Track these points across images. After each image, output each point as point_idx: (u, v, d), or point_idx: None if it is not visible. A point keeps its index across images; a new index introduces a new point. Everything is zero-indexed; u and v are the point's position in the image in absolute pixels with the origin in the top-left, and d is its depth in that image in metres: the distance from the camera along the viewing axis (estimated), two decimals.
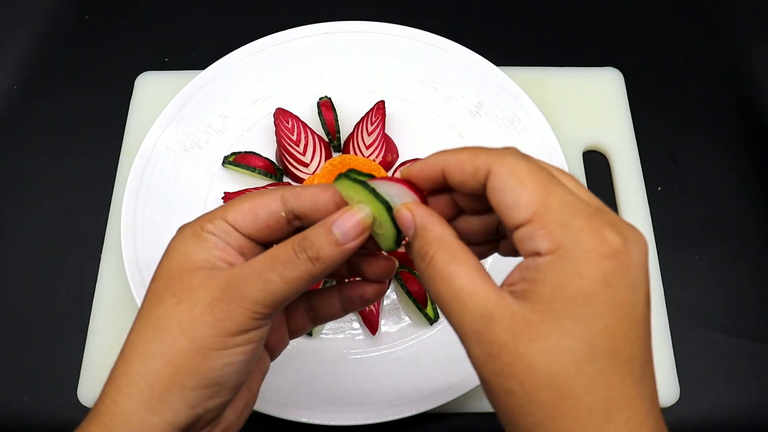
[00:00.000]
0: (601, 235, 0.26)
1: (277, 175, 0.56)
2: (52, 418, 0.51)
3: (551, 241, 0.26)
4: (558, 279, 0.26)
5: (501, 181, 0.28)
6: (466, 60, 0.59)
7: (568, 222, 0.26)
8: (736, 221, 0.59)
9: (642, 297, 0.27)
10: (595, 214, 0.27)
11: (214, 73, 0.58)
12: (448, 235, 0.30)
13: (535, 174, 0.27)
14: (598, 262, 0.26)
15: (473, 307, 0.27)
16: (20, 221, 0.58)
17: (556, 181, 0.27)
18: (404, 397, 0.46)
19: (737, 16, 0.70)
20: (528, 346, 0.26)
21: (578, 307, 0.26)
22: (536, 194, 0.27)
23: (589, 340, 0.26)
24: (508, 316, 0.27)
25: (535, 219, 0.27)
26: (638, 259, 0.27)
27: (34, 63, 0.67)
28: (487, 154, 0.29)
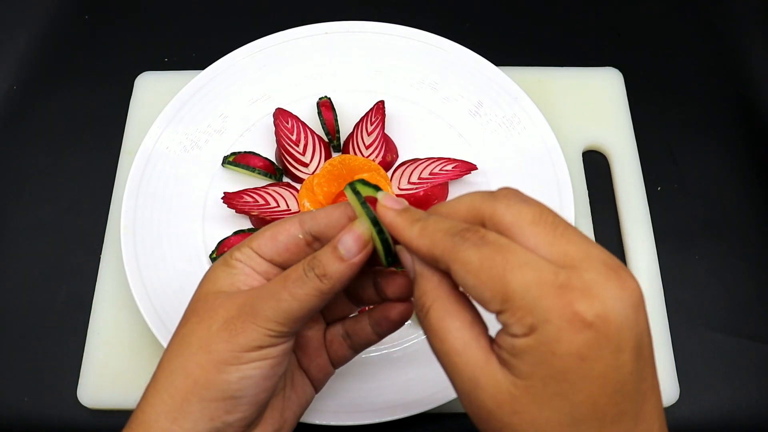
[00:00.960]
0: (572, 310, 0.25)
1: (277, 175, 0.56)
2: (52, 418, 0.51)
3: (524, 326, 0.26)
4: (535, 358, 0.26)
5: (461, 279, 0.28)
6: (466, 60, 0.59)
7: (535, 304, 0.26)
8: (736, 221, 0.59)
9: (627, 357, 0.26)
10: (565, 285, 0.26)
11: (214, 73, 0.58)
12: (444, 286, 0.30)
13: (488, 266, 0.27)
14: (570, 339, 0.25)
15: (462, 369, 0.28)
16: (20, 221, 0.58)
17: (513, 261, 0.26)
18: (404, 398, 0.46)
19: (737, 16, 0.70)
20: (512, 417, 0.27)
21: (556, 384, 0.26)
22: (495, 287, 0.27)
23: (570, 411, 0.26)
24: (493, 385, 0.27)
25: (503, 309, 0.27)
26: (621, 319, 0.26)
27: (34, 63, 0.67)
28: (443, 247, 0.28)
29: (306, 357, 0.38)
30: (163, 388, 0.32)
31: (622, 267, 0.27)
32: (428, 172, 0.54)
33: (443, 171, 0.54)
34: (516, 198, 0.28)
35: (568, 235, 0.27)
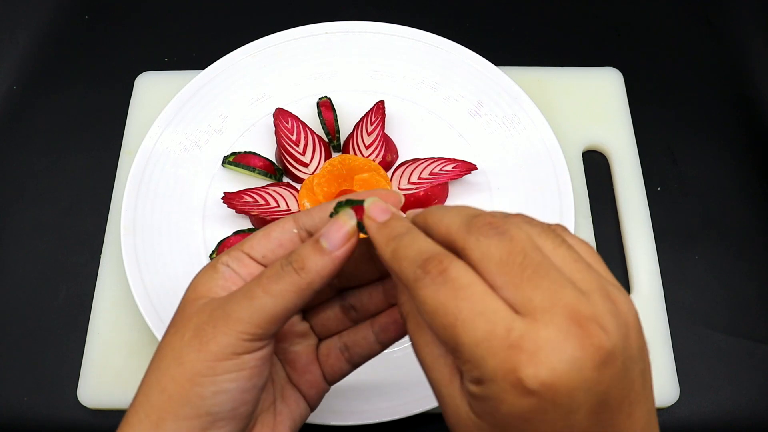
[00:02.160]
0: (516, 375, 0.24)
1: (277, 175, 0.56)
2: (52, 418, 0.51)
3: (472, 377, 0.25)
4: (484, 407, 0.26)
5: (412, 333, 0.29)
6: (466, 60, 0.59)
7: (482, 362, 0.25)
8: (736, 221, 0.59)
9: (582, 417, 0.25)
10: (514, 346, 0.24)
11: (214, 73, 0.58)
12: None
13: (441, 313, 0.25)
14: (513, 402, 0.24)
15: (432, 383, 0.29)
16: (20, 221, 0.58)
17: (468, 311, 0.25)
18: (404, 397, 0.46)
19: (737, 16, 0.70)
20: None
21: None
22: (446, 336, 0.26)
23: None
24: (452, 406, 0.27)
25: (455, 356, 0.26)
26: (571, 384, 0.24)
27: (34, 63, 0.67)
28: (406, 279, 0.27)
29: (295, 373, 0.35)
30: (140, 406, 0.30)
31: (592, 316, 0.25)
32: (428, 172, 0.54)
33: (443, 171, 0.54)
34: (490, 231, 0.26)
35: (536, 279, 0.25)
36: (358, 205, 0.31)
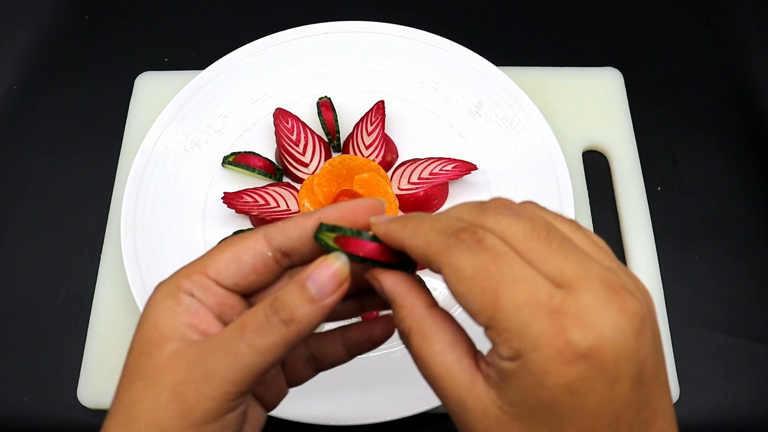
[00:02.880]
0: (564, 339, 0.23)
1: (277, 175, 0.56)
2: (52, 418, 0.51)
3: (510, 350, 0.24)
4: (522, 387, 0.24)
5: (450, 285, 0.26)
6: (466, 60, 0.59)
7: (525, 328, 0.24)
8: (736, 221, 0.59)
9: (625, 387, 0.24)
10: (559, 310, 0.23)
11: (214, 73, 0.58)
12: (418, 308, 0.28)
13: (481, 276, 0.24)
14: (560, 370, 0.23)
15: (449, 393, 0.26)
16: (20, 221, 0.58)
17: (509, 274, 0.24)
18: (404, 397, 0.46)
19: (737, 16, 0.70)
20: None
21: (545, 416, 0.24)
22: (485, 301, 0.24)
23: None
24: (480, 409, 0.25)
25: (491, 326, 0.25)
26: (617, 349, 0.23)
27: (34, 63, 0.67)
28: (436, 247, 0.26)
29: (261, 387, 0.33)
30: None
31: (623, 286, 0.24)
32: (428, 172, 0.54)
33: (443, 171, 0.54)
34: (506, 211, 0.26)
35: (564, 250, 0.25)
36: (342, 235, 0.28)
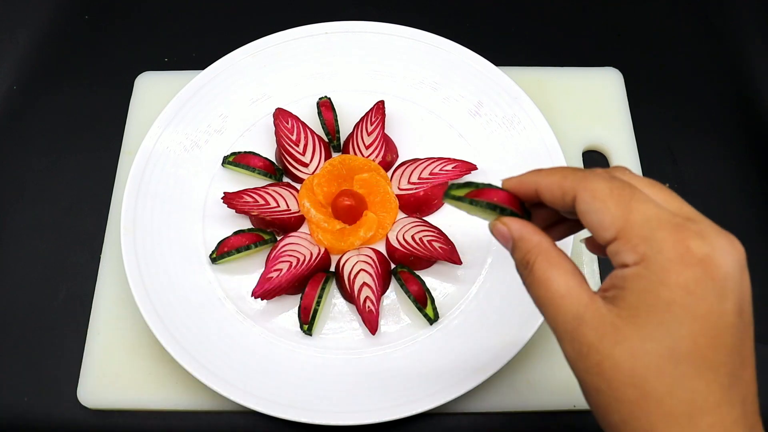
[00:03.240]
0: (685, 245, 0.28)
1: (277, 175, 0.56)
2: (52, 418, 0.51)
3: (636, 254, 0.28)
4: (642, 287, 0.28)
5: (586, 204, 0.30)
6: (466, 60, 0.59)
7: (651, 235, 0.28)
8: (737, 221, 0.59)
9: (731, 307, 0.28)
10: (681, 225, 0.28)
11: (214, 73, 0.58)
12: (545, 243, 0.32)
13: (616, 194, 0.30)
14: (680, 270, 0.27)
15: (566, 309, 0.30)
16: (20, 221, 0.58)
17: (639, 196, 0.29)
18: (404, 397, 0.46)
19: (737, 16, 0.70)
20: (613, 348, 0.28)
21: (660, 314, 0.28)
22: (618, 214, 0.29)
23: (671, 344, 0.27)
24: (597, 319, 0.29)
25: (620, 236, 0.29)
26: (727, 268, 0.28)
27: (34, 63, 0.67)
28: (573, 178, 0.31)
29: None
30: None
31: (732, 234, 0.30)
32: (428, 172, 0.54)
33: (443, 171, 0.54)
34: (630, 170, 0.32)
35: (679, 198, 0.31)
36: (475, 189, 0.36)
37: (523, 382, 0.51)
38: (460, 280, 0.52)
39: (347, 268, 0.51)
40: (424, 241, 0.52)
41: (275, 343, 0.50)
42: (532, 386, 0.50)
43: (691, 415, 0.28)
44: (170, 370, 0.50)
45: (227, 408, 0.50)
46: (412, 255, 0.51)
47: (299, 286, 0.51)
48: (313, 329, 0.50)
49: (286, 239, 0.52)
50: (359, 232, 0.52)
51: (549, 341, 0.51)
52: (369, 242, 0.53)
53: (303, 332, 0.50)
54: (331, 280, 0.52)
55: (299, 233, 0.53)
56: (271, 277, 0.50)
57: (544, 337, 0.51)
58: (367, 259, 0.51)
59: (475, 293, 0.51)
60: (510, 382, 0.50)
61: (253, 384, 0.47)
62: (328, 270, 0.53)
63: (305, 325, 0.50)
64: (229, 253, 0.51)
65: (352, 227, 0.53)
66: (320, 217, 0.53)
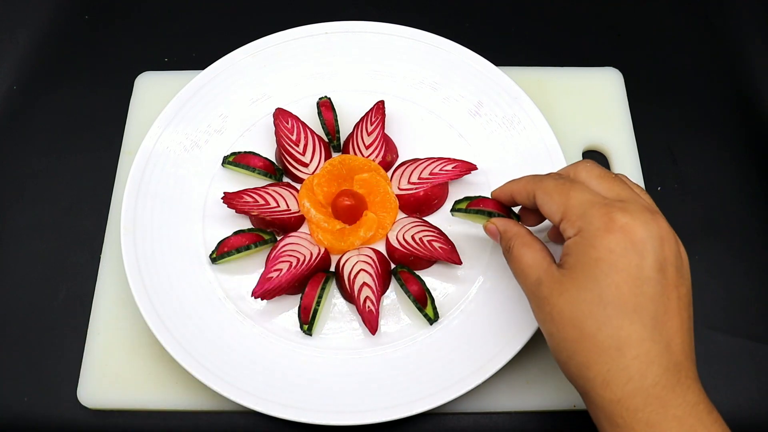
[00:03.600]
0: (609, 217, 0.36)
1: (277, 175, 0.56)
2: (52, 418, 0.51)
3: (574, 228, 0.38)
4: (579, 250, 0.37)
5: (540, 199, 0.41)
6: (466, 60, 0.59)
7: (585, 213, 0.37)
8: (736, 221, 0.59)
9: (648, 263, 0.35)
10: (609, 203, 0.37)
11: (214, 73, 0.58)
12: (521, 231, 0.43)
13: (559, 188, 0.39)
14: (604, 235, 0.36)
15: (531, 274, 0.40)
16: (20, 221, 0.59)
17: (577, 187, 0.39)
18: (404, 397, 0.46)
19: (737, 16, 0.70)
20: (558, 298, 0.37)
21: (591, 269, 0.36)
22: (561, 202, 0.39)
23: (599, 291, 0.35)
24: (550, 278, 0.38)
25: (564, 217, 0.38)
26: (644, 234, 0.35)
27: (34, 63, 0.67)
28: (532, 182, 0.42)
29: None
30: None
31: (660, 214, 0.38)
32: (428, 172, 0.54)
33: (443, 171, 0.54)
34: (592, 163, 0.41)
35: (623, 185, 0.39)
36: (472, 201, 0.49)
37: (523, 382, 0.51)
38: (460, 280, 0.52)
39: (347, 268, 0.51)
40: (424, 241, 0.52)
41: (275, 343, 0.50)
42: (531, 386, 0.50)
43: (618, 348, 0.35)
44: (170, 370, 0.50)
45: (227, 408, 0.50)
46: (412, 255, 0.51)
47: (299, 286, 0.51)
48: (313, 329, 0.50)
49: (286, 239, 0.52)
50: (359, 232, 0.52)
51: None
52: (369, 242, 0.53)
53: (303, 332, 0.50)
54: (331, 280, 0.52)
55: (299, 233, 0.53)
56: (271, 277, 0.50)
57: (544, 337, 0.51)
58: (367, 259, 0.51)
59: (475, 293, 0.51)
60: (509, 382, 0.50)
61: (253, 384, 0.47)
62: (328, 270, 0.53)
63: (305, 325, 0.50)
64: (229, 253, 0.51)
65: (352, 227, 0.53)
66: (320, 217, 0.53)
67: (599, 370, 0.35)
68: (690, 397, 0.34)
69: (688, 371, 0.35)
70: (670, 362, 0.34)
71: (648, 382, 0.34)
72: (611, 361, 0.34)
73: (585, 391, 0.36)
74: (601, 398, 0.35)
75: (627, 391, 0.34)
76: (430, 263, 0.53)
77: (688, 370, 0.35)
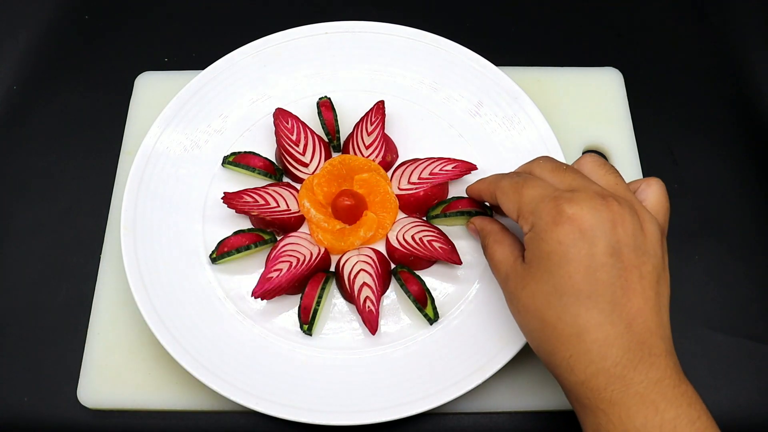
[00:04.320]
0: (558, 209, 0.37)
1: (277, 175, 0.56)
2: (52, 418, 0.51)
3: (528, 224, 0.39)
4: (533, 245, 0.38)
5: (499, 199, 0.43)
6: (466, 60, 0.59)
7: (536, 208, 0.38)
8: (736, 221, 0.59)
9: (600, 251, 0.36)
10: (558, 196, 0.38)
11: (214, 73, 0.58)
12: (495, 228, 0.45)
13: (513, 186, 0.41)
14: (553, 228, 0.37)
15: (501, 270, 0.42)
16: (20, 221, 0.59)
17: (530, 183, 0.40)
18: (404, 397, 0.46)
19: (737, 16, 0.70)
20: (522, 292, 0.39)
21: (545, 263, 0.37)
22: (515, 200, 0.40)
23: (554, 283, 0.37)
24: (515, 274, 0.40)
25: (519, 214, 0.40)
26: (593, 222, 0.36)
27: (34, 63, 0.67)
28: (494, 182, 0.44)
29: None
30: None
31: (613, 196, 0.38)
32: (428, 172, 0.54)
33: (443, 171, 0.54)
34: (546, 158, 0.43)
35: (574, 175, 0.40)
36: (447, 204, 0.53)
37: (523, 382, 0.51)
38: (460, 280, 0.52)
39: (347, 268, 0.51)
40: (424, 241, 0.52)
41: (275, 343, 0.50)
42: (532, 386, 0.50)
43: (578, 335, 0.36)
44: (170, 370, 0.50)
45: (227, 408, 0.50)
46: (412, 255, 0.51)
47: (299, 286, 0.51)
48: (313, 329, 0.50)
49: (286, 239, 0.52)
50: (359, 232, 0.52)
51: None
52: (369, 242, 0.53)
53: (303, 332, 0.50)
54: (331, 280, 0.52)
55: (299, 233, 0.53)
56: (271, 277, 0.50)
57: None
58: (367, 259, 0.51)
59: (475, 293, 0.51)
60: (510, 382, 0.50)
61: (253, 384, 0.47)
62: (328, 270, 0.53)
63: (305, 325, 0.50)
64: (229, 253, 0.51)
65: (352, 227, 0.53)
66: (320, 217, 0.53)
67: (563, 356, 0.37)
68: (653, 374, 0.35)
69: (653, 348, 0.36)
70: (631, 342, 0.35)
71: (608, 363, 0.35)
72: (572, 347, 0.36)
73: (555, 375, 0.39)
74: (568, 381, 0.37)
75: (589, 373, 0.36)
76: (430, 263, 0.53)
77: (654, 346, 0.36)
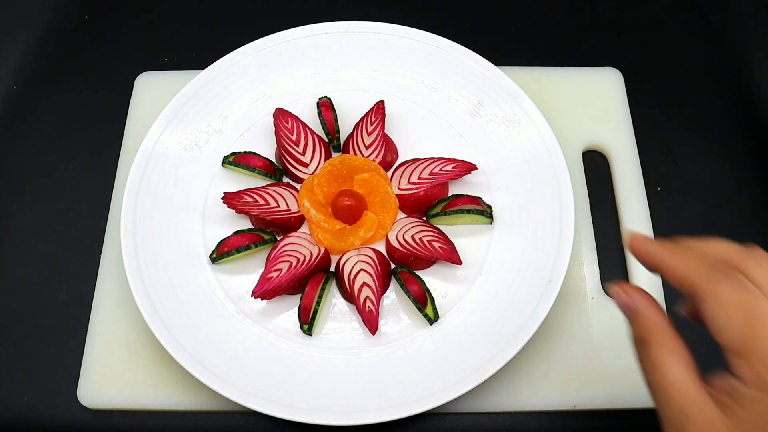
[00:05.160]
0: None
1: (277, 175, 0.56)
2: (52, 418, 0.51)
3: (757, 378, 0.28)
4: (758, 411, 0.28)
5: (711, 311, 0.30)
6: (466, 60, 0.59)
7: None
8: (736, 221, 0.59)
9: None
10: None
11: (214, 73, 0.58)
12: (665, 324, 0.32)
13: (743, 309, 0.29)
14: None
15: (677, 403, 0.30)
16: (20, 221, 0.58)
17: (765, 318, 0.28)
18: (404, 397, 0.46)
19: (737, 16, 0.70)
20: None
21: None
22: (743, 330, 0.29)
23: None
24: (706, 421, 0.29)
25: (741, 353, 0.29)
26: None
27: (34, 63, 0.67)
28: (702, 276, 0.30)
29: None
30: None
31: None
32: (428, 172, 0.54)
33: (443, 171, 0.54)
34: (766, 259, 0.30)
35: None
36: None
37: (523, 382, 0.51)
38: (460, 280, 0.52)
39: (347, 268, 0.51)
40: (424, 241, 0.52)
41: (275, 343, 0.50)
42: (532, 386, 0.50)
43: None
44: (170, 370, 0.50)
45: (227, 408, 0.50)
46: (412, 255, 0.51)
47: (299, 286, 0.51)
48: (313, 329, 0.50)
49: (286, 239, 0.52)
50: (359, 232, 0.52)
51: (549, 341, 0.51)
52: (369, 242, 0.53)
53: (303, 332, 0.50)
54: (331, 280, 0.52)
55: (299, 233, 0.53)
56: (271, 277, 0.50)
57: (544, 337, 0.51)
58: (367, 259, 0.51)
59: (475, 293, 0.51)
60: (510, 382, 0.50)
61: (253, 384, 0.47)
62: (328, 270, 0.53)
63: (305, 325, 0.50)
64: (229, 253, 0.51)
65: (352, 227, 0.53)
66: (320, 217, 0.53)
67: None
68: None
69: None
70: None
71: None
72: None
73: None
74: None
75: None
76: (430, 263, 0.53)
77: None
